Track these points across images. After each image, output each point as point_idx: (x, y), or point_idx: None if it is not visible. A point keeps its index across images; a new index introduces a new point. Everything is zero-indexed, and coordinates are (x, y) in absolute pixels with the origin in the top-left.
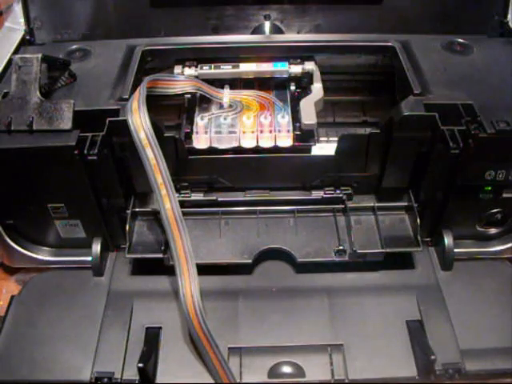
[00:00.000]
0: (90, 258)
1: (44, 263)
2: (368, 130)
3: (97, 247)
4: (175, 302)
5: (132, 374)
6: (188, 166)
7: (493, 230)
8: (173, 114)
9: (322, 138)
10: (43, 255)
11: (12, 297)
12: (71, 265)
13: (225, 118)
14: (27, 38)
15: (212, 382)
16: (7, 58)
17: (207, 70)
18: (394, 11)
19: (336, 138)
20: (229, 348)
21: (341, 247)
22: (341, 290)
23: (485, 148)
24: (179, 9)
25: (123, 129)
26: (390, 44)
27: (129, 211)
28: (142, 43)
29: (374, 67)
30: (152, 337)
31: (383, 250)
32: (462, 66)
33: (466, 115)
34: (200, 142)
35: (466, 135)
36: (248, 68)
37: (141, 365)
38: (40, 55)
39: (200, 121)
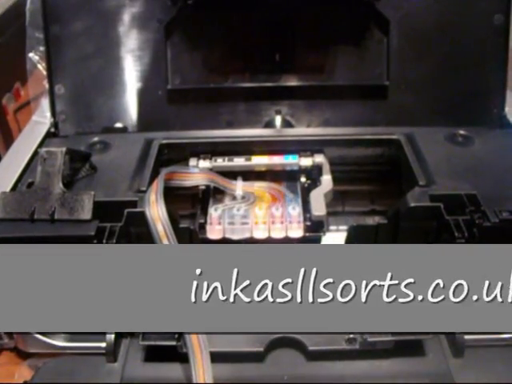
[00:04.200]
0: (103, 345)
1: (58, 349)
2: (376, 219)
3: (111, 333)
4: None
5: None
6: None
7: None
8: (187, 203)
9: (331, 227)
10: (57, 340)
11: (24, 383)
12: (85, 350)
13: (238, 210)
14: (52, 130)
15: None
16: (33, 149)
17: (221, 162)
18: (398, 105)
19: (345, 227)
20: None
21: (351, 335)
22: (352, 378)
23: (489, 237)
24: (194, 105)
25: (141, 220)
26: (395, 137)
27: None
28: (159, 137)
29: (381, 158)
30: None
31: (393, 339)
32: (464, 157)
33: (470, 205)
34: (214, 232)
35: (470, 225)
36: (260, 161)
37: None
38: (64, 149)
39: (214, 212)
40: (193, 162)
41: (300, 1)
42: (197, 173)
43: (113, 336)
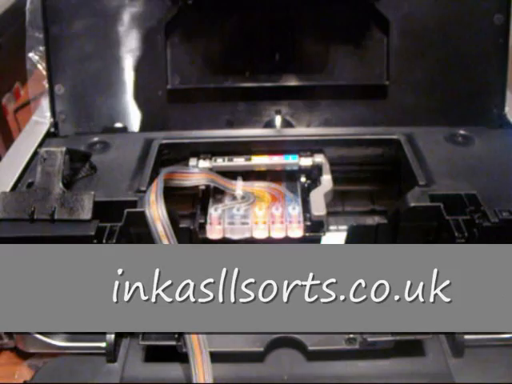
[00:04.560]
0: (103, 344)
1: (58, 349)
2: (376, 219)
3: (111, 333)
4: None
5: None
6: None
7: None
8: (187, 203)
9: (331, 227)
10: (57, 340)
11: (24, 383)
12: (85, 350)
13: (238, 209)
14: (52, 130)
15: None
16: (33, 149)
17: (221, 162)
18: (398, 105)
19: (345, 227)
20: None
21: (351, 335)
22: (352, 378)
23: (489, 236)
24: (194, 104)
25: (141, 220)
26: (395, 137)
27: None
28: (158, 137)
29: (381, 158)
30: None
31: (393, 338)
32: (464, 157)
33: (470, 205)
34: (213, 232)
35: (470, 225)
36: (260, 161)
37: None
38: (64, 149)
39: (214, 212)
40: (193, 162)
41: (300, 1)
42: (197, 173)
43: (113, 336)
